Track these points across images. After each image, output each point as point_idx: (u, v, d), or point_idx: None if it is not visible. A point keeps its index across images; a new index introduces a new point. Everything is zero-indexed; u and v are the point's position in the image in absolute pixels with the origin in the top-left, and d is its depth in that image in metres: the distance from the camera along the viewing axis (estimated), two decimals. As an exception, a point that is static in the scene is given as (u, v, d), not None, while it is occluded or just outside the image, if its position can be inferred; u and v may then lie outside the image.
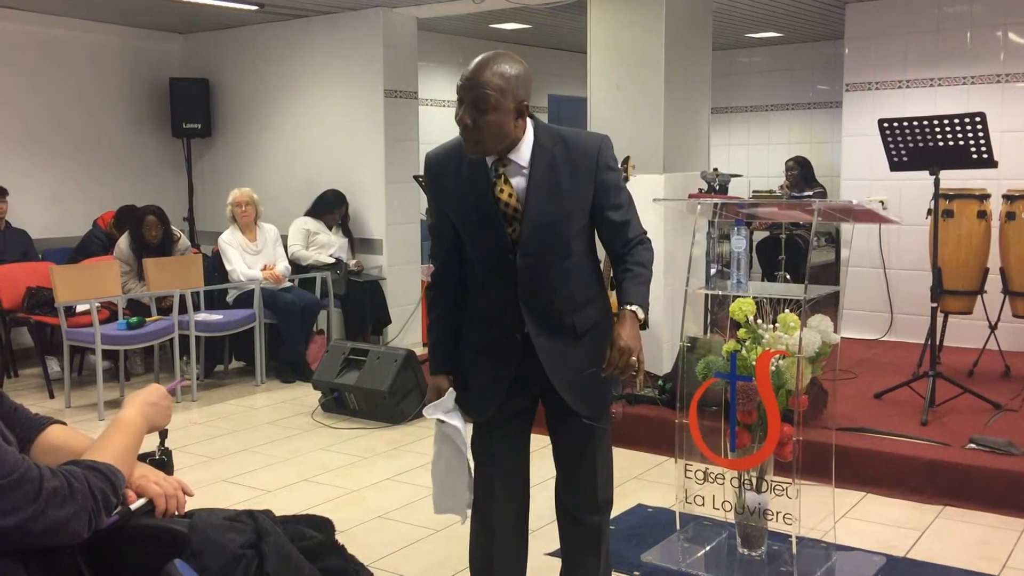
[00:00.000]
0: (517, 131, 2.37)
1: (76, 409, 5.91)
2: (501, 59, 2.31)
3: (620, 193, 2.48)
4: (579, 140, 2.45)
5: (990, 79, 6.72)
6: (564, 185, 2.40)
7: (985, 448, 4.30)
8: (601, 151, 2.44)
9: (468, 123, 2.32)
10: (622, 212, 2.48)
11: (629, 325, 2.35)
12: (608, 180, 2.45)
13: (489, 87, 2.28)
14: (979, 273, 5.67)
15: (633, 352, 2.32)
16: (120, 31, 8.01)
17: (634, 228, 2.50)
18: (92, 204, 7.69)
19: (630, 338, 2.33)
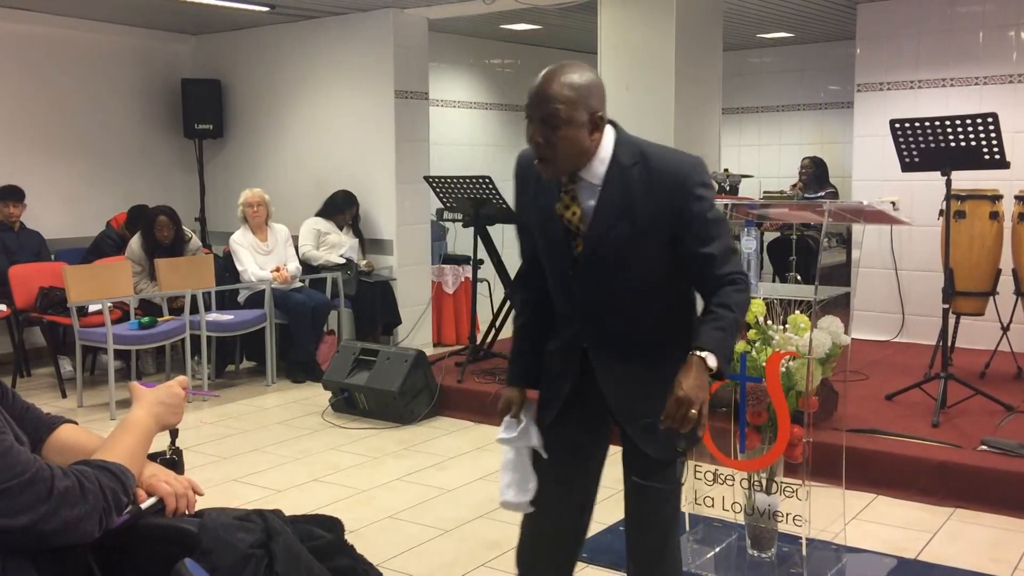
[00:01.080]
0: (593, 144, 2.19)
1: (88, 408, 5.94)
2: (568, 69, 2.16)
3: (708, 225, 2.20)
4: (664, 161, 2.23)
5: (1002, 79, 6.68)
6: (637, 208, 2.20)
7: (997, 450, 4.28)
8: (688, 177, 2.20)
9: (540, 141, 2.16)
10: (709, 245, 2.19)
11: (695, 373, 2.09)
12: (692, 209, 2.19)
13: (558, 100, 2.12)
14: (991, 274, 5.64)
15: (694, 404, 2.06)
16: (132, 32, 8.05)
17: (723, 264, 2.21)
18: (105, 205, 7.73)
19: (692, 388, 2.06)
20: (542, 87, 2.15)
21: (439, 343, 7.78)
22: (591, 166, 2.23)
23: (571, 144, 2.16)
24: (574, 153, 2.18)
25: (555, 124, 2.14)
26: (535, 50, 9.46)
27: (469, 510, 4.17)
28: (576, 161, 2.21)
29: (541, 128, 2.16)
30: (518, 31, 8.48)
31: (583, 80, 2.16)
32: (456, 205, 6.24)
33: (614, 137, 2.24)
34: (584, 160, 2.21)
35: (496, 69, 9.26)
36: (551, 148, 2.16)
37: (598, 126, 2.19)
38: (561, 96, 2.13)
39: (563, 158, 2.18)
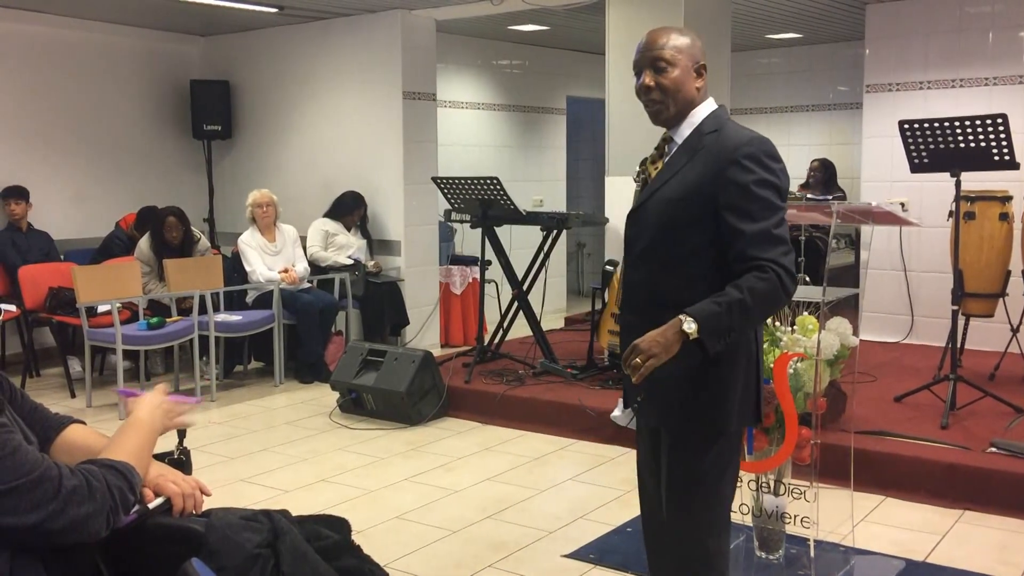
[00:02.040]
0: (699, 94, 2.32)
1: (97, 408, 5.96)
2: (671, 29, 2.35)
3: (748, 198, 2.16)
4: (729, 134, 2.26)
5: (1012, 80, 6.66)
6: (693, 170, 2.25)
7: (1006, 452, 4.26)
8: (742, 146, 2.19)
9: (650, 83, 2.30)
10: (744, 221, 2.15)
11: (663, 330, 2.11)
12: (737, 178, 2.17)
13: (665, 46, 2.29)
14: (1001, 276, 5.62)
15: (641, 354, 2.10)
16: (141, 34, 8.08)
17: (756, 246, 2.13)
18: (113, 205, 7.75)
19: (649, 339, 2.10)
20: (649, 38, 2.33)
21: (447, 344, 7.78)
22: (681, 128, 2.33)
23: (677, 86, 2.29)
24: (679, 96, 2.30)
25: (663, 67, 2.29)
26: (543, 51, 9.46)
27: (476, 511, 4.17)
28: (681, 106, 2.31)
29: (650, 73, 2.30)
30: (526, 32, 8.48)
31: (684, 36, 2.33)
32: (464, 206, 6.25)
33: (712, 109, 2.34)
34: (687, 109, 2.31)
35: (504, 70, 9.27)
36: (660, 89, 2.29)
37: (701, 74, 2.33)
38: (667, 43, 2.30)
39: (672, 99, 2.30)
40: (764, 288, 2.12)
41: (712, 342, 2.12)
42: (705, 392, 2.28)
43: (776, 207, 2.18)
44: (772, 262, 2.12)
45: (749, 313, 2.13)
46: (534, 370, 6.02)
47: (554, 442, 5.24)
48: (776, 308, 2.23)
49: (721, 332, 2.13)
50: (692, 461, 2.31)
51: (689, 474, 2.32)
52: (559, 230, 6.14)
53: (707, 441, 2.30)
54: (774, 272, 2.12)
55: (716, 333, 2.12)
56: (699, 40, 2.35)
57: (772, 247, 2.14)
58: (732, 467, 2.37)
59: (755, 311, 2.14)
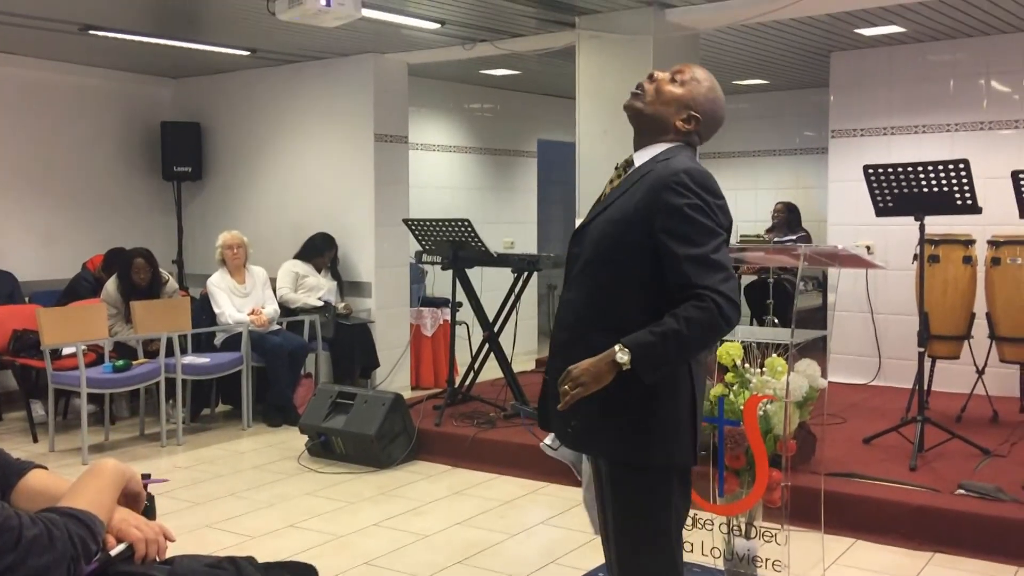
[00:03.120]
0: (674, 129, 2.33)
1: (60, 453, 5.85)
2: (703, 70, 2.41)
3: (686, 221, 2.12)
4: (671, 162, 2.24)
5: (973, 126, 6.81)
6: (636, 195, 2.23)
7: (974, 494, 4.28)
8: (678, 172, 2.17)
9: (658, 76, 2.37)
10: (682, 244, 2.11)
11: (595, 360, 2.11)
12: (672, 201, 2.14)
13: (691, 73, 2.35)
14: (965, 318, 5.70)
15: (573, 383, 2.11)
16: (112, 75, 8.06)
17: (695, 270, 2.09)
18: (82, 247, 7.67)
19: (583, 369, 2.11)
20: (690, 67, 2.40)
21: (417, 386, 7.74)
22: (642, 152, 2.35)
23: (668, 100, 2.33)
24: (660, 109, 2.34)
25: (677, 80, 2.35)
26: (514, 95, 9.55)
27: (446, 557, 4.12)
28: (654, 121, 2.34)
29: (665, 74, 2.38)
30: (497, 76, 8.56)
31: (709, 83, 2.38)
32: (435, 248, 6.25)
33: (676, 148, 2.32)
34: (657, 132, 2.34)
35: (475, 114, 9.34)
36: (657, 89, 2.35)
37: (690, 121, 2.33)
38: (695, 75, 2.36)
39: (654, 103, 2.34)
40: (702, 318, 2.07)
41: (647, 373, 2.10)
42: (626, 423, 2.22)
43: (713, 232, 2.13)
44: (710, 290, 2.07)
45: (686, 344, 2.09)
46: (505, 412, 5.99)
47: (525, 485, 5.20)
48: (716, 337, 2.16)
49: (656, 363, 2.10)
50: (627, 495, 2.27)
51: (625, 509, 2.28)
52: (530, 272, 6.15)
53: (636, 474, 2.25)
54: (712, 301, 2.06)
55: (651, 364, 2.09)
56: (716, 97, 2.38)
57: (710, 274, 2.08)
58: (669, 505, 2.27)
59: (693, 342, 2.09)
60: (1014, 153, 6.54)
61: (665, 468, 2.26)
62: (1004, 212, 5.65)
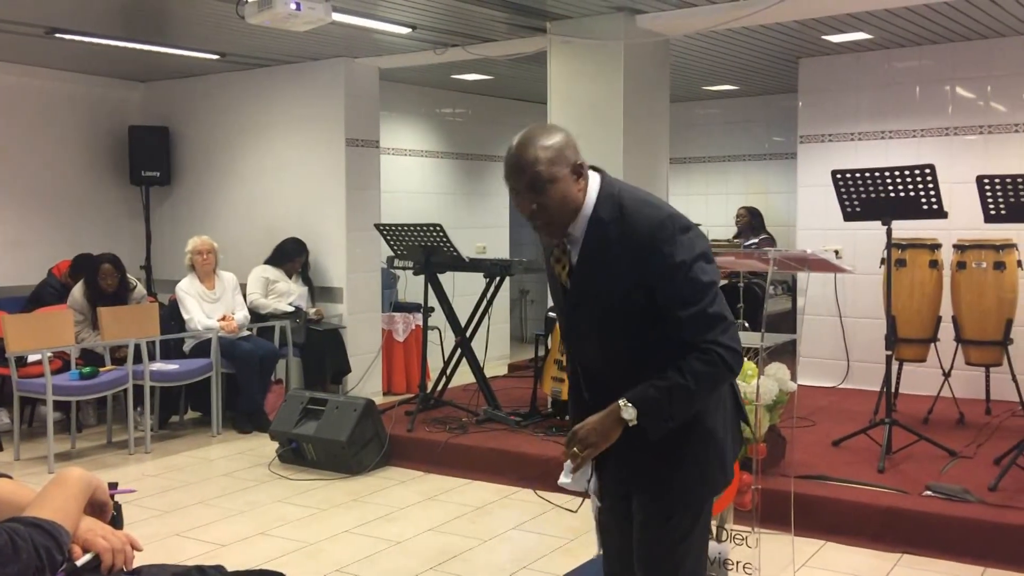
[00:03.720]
0: (582, 195, 2.19)
1: (25, 462, 5.76)
2: (536, 132, 2.18)
3: (680, 283, 2.11)
4: (637, 216, 2.15)
5: (939, 132, 6.90)
6: (614, 265, 2.17)
7: (941, 495, 4.33)
8: (654, 233, 2.12)
9: (533, 208, 2.16)
10: (680, 306, 2.11)
11: (600, 418, 2.14)
12: (662, 267, 2.11)
13: (537, 163, 2.12)
14: (932, 321, 5.77)
15: (582, 444, 2.14)
16: (80, 79, 7.97)
17: (696, 328, 2.10)
18: (47, 252, 7.57)
19: (586, 428, 2.14)
20: (517, 156, 2.15)
21: (389, 392, 7.71)
22: (577, 220, 2.20)
23: (562, 200, 2.16)
24: (568, 208, 2.18)
25: (541, 187, 2.13)
26: (486, 100, 9.55)
27: (419, 563, 4.10)
28: (571, 216, 2.19)
29: (529, 195, 2.15)
30: (469, 81, 8.56)
31: (553, 137, 2.16)
32: (407, 253, 6.24)
33: (597, 188, 2.21)
34: (577, 210, 2.19)
35: (447, 118, 9.33)
36: (545, 211, 2.16)
37: (581, 174, 2.19)
38: (538, 158, 2.13)
39: (559, 216, 2.18)
40: (707, 371, 2.10)
41: (653, 428, 2.12)
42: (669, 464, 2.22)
43: (706, 285, 2.12)
44: (713, 343, 2.09)
45: (692, 397, 2.11)
46: (477, 418, 5.99)
47: (498, 490, 5.20)
48: (720, 386, 2.17)
49: (663, 418, 2.12)
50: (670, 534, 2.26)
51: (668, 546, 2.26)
52: (502, 277, 6.15)
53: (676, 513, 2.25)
54: (716, 354, 2.09)
55: (656, 419, 2.12)
56: (568, 136, 2.19)
57: (711, 328, 2.10)
58: (706, 537, 2.33)
59: (698, 394, 2.12)
60: (979, 158, 6.64)
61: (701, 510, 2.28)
62: (969, 217, 5.73)
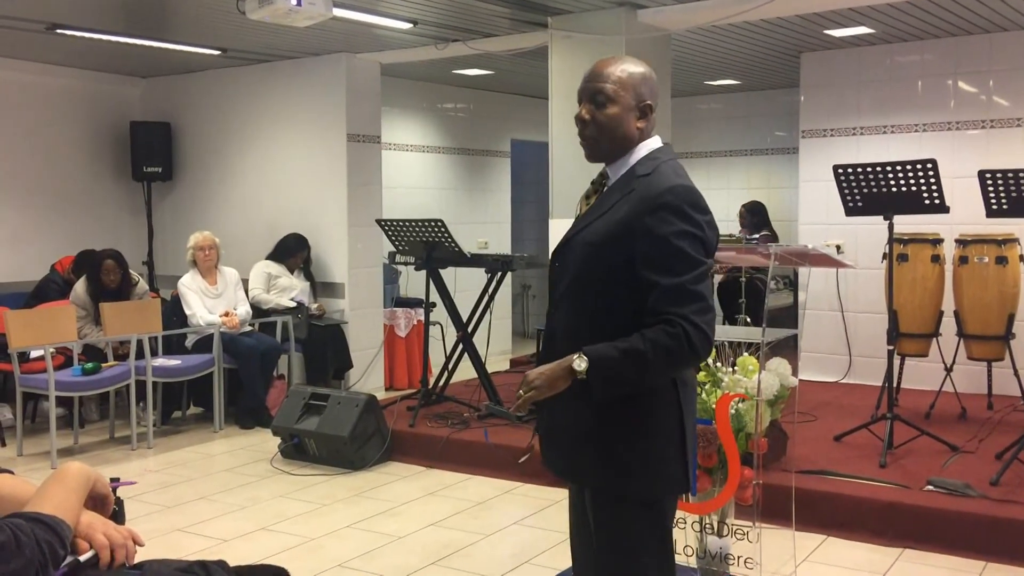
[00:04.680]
0: (639, 134, 2.18)
1: (28, 457, 5.78)
2: (623, 59, 2.21)
3: (667, 251, 2.03)
4: (655, 180, 2.12)
5: (941, 126, 6.89)
6: (617, 216, 2.13)
7: (943, 490, 4.33)
8: (663, 194, 2.07)
9: (586, 117, 2.17)
10: (661, 273, 2.02)
11: (553, 366, 2.07)
12: (655, 228, 2.05)
13: (608, 79, 2.16)
14: (934, 316, 5.77)
15: (527, 386, 2.07)
16: (81, 75, 7.97)
17: (671, 298, 2.01)
18: (50, 248, 7.58)
19: (538, 372, 2.08)
20: (595, 67, 2.19)
21: (391, 387, 7.72)
22: (616, 166, 2.21)
23: (614, 124, 2.16)
24: (615, 135, 2.17)
25: (601, 101, 2.16)
26: (487, 95, 9.55)
27: (420, 558, 4.11)
28: (617, 145, 2.19)
29: (587, 104, 2.18)
30: (470, 76, 8.55)
31: (636, 68, 2.20)
32: (408, 248, 6.24)
33: (652, 148, 2.21)
34: (624, 148, 2.19)
35: (449, 113, 9.32)
36: (595, 125, 2.18)
37: (645, 114, 2.19)
38: (612, 76, 2.16)
39: (604, 136, 2.18)
40: (668, 344, 2.00)
41: (599, 386, 2.03)
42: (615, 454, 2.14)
43: (695, 260, 2.05)
44: (683, 318, 2.00)
45: (647, 367, 2.01)
46: (479, 413, 5.99)
47: (499, 486, 5.20)
48: (680, 366, 2.08)
49: (612, 379, 2.04)
50: (615, 527, 2.18)
51: (613, 541, 2.19)
52: (504, 272, 6.15)
53: (627, 506, 2.16)
54: (683, 328, 1.99)
55: (607, 379, 2.03)
56: (652, 75, 2.22)
57: (686, 303, 2.01)
58: (660, 535, 2.21)
59: (654, 366, 2.01)
60: (981, 153, 6.63)
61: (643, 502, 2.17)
62: (971, 211, 5.72)
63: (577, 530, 2.39)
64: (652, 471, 2.15)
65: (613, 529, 2.19)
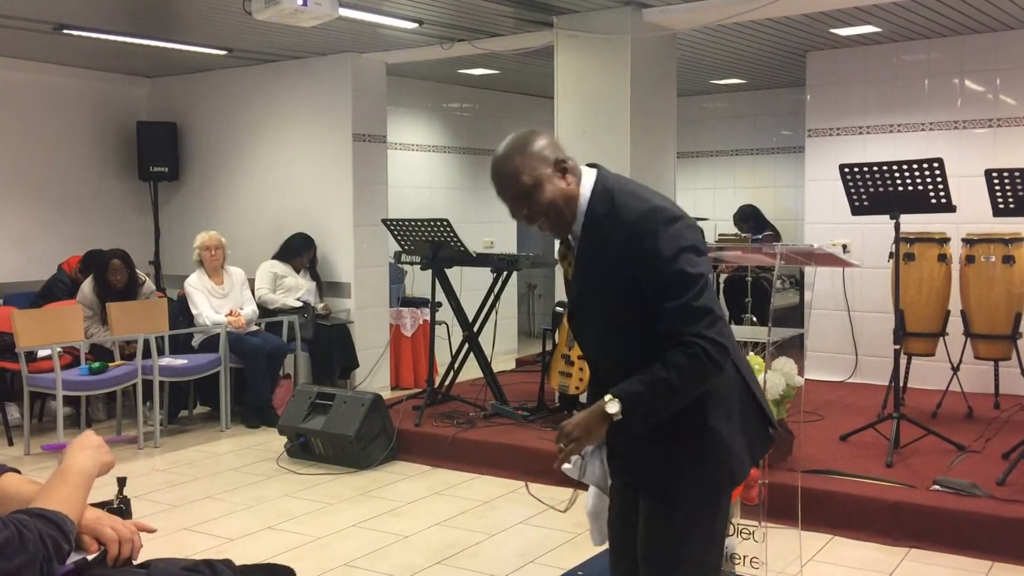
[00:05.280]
0: (576, 186, 2.20)
1: (35, 456, 5.79)
2: (509, 143, 2.23)
3: (664, 276, 2.09)
4: (623, 209, 2.16)
5: (948, 125, 6.87)
6: (608, 259, 2.17)
7: (950, 490, 4.32)
8: (637, 225, 2.12)
9: (527, 214, 2.21)
10: (664, 299, 2.09)
11: (587, 414, 2.14)
12: (645, 260, 2.11)
13: (517, 172, 2.17)
14: (940, 315, 5.76)
15: (566, 439, 2.13)
16: (88, 75, 7.99)
17: (680, 320, 2.08)
18: (57, 248, 7.61)
19: (575, 424, 2.14)
20: (496, 172, 2.22)
21: (397, 386, 7.72)
22: (576, 216, 2.22)
23: (552, 200, 2.18)
24: (560, 207, 2.19)
25: (527, 193, 2.18)
26: (493, 94, 9.55)
27: (426, 557, 4.12)
28: (570, 210, 2.21)
29: (519, 204, 2.21)
30: (476, 76, 8.56)
31: (526, 142, 2.19)
32: (414, 248, 6.24)
33: (592, 183, 2.22)
34: (576, 206, 2.21)
35: (454, 113, 9.33)
36: (540, 215, 2.20)
37: (567, 170, 2.20)
38: (517, 167, 2.17)
39: (555, 216, 2.20)
40: (689, 365, 2.07)
41: (636, 422, 2.11)
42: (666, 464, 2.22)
43: (692, 277, 2.09)
44: (697, 336, 2.07)
45: (675, 391, 2.09)
46: (485, 412, 6.00)
47: (505, 485, 5.21)
48: (705, 380, 2.13)
49: (645, 412, 2.11)
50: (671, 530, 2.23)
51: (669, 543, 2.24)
52: (509, 272, 6.16)
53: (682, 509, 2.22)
54: (699, 347, 2.07)
55: (640, 413, 2.10)
56: (542, 138, 2.21)
57: (695, 321, 2.08)
58: (717, 537, 2.30)
59: (681, 388, 2.09)
60: (988, 152, 6.61)
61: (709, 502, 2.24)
62: (978, 211, 5.72)
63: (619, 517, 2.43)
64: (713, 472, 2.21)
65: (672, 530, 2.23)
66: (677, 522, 2.22)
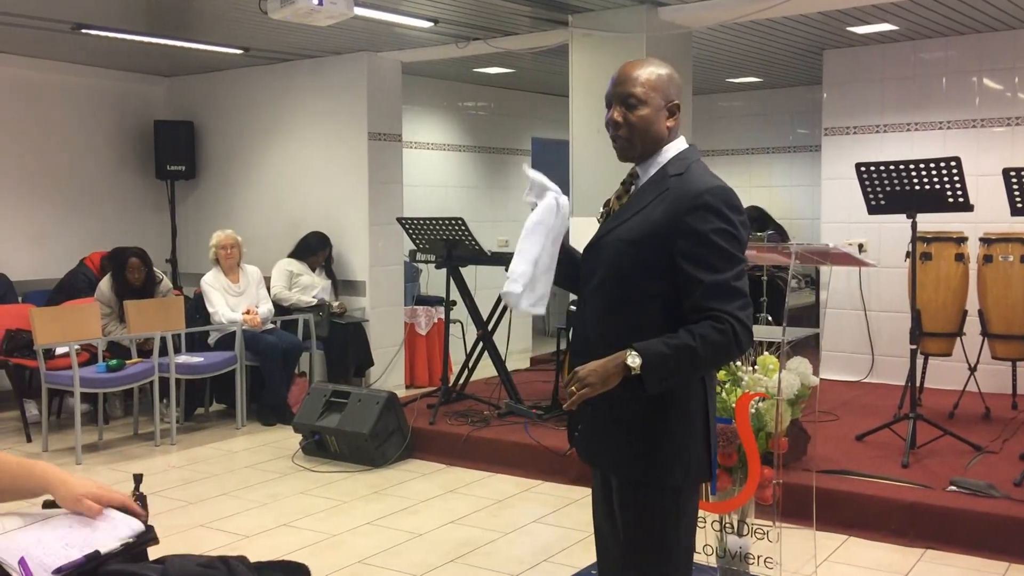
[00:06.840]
0: (668, 133, 2.26)
1: (54, 453, 5.84)
2: (650, 61, 2.31)
3: (709, 248, 2.09)
4: (693, 179, 2.18)
5: (966, 124, 6.83)
6: (652, 214, 2.18)
7: (966, 490, 4.30)
8: (703, 194, 2.12)
9: (618, 119, 2.25)
10: (704, 270, 2.08)
11: (604, 362, 2.08)
12: (696, 226, 2.10)
13: (638, 83, 2.24)
14: (958, 315, 5.72)
15: (580, 383, 2.07)
16: (105, 74, 8.05)
17: (715, 295, 2.07)
18: (75, 246, 7.66)
19: (591, 370, 2.08)
20: (623, 71, 2.28)
21: (412, 385, 7.74)
22: (647, 166, 2.28)
23: (645, 125, 2.24)
24: (647, 135, 2.25)
25: (632, 104, 2.24)
26: (508, 93, 9.55)
27: (440, 555, 4.13)
28: (648, 145, 2.26)
29: (619, 108, 2.26)
30: (491, 74, 8.56)
31: (662, 69, 2.28)
32: (429, 246, 6.26)
33: (681, 149, 2.28)
34: (655, 147, 2.26)
35: (469, 112, 9.34)
36: (628, 126, 2.25)
37: (674, 113, 2.27)
38: (640, 79, 2.25)
39: (637, 137, 2.25)
40: (718, 340, 2.06)
41: (652, 382, 2.06)
42: (637, 439, 2.20)
43: (735, 259, 2.11)
44: (729, 314, 2.06)
45: (697, 361, 2.07)
46: (499, 411, 6.00)
47: (519, 483, 5.21)
48: (727, 361, 2.13)
49: (665, 374, 2.07)
50: (640, 513, 2.23)
51: (639, 526, 2.23)
52: (524, 271, 6.14)
53: (652, 492, 2.21)
54: (730, 325, 2.06)
55: (659, 374, 2.06)
56: (676, 76, 2.31)
57: (730, 299, 2.07)
58: (685, 521, 2.27)
59: (704, 360, 2.08)
60: (1006, 151, 6.56)
61: (679, 488, 2.22)
62: (996, 210, 5.68)
63: (602, 524, 2.41)
64: (681, 456, 2.21)
65: (639, 516, 2.23)
66: (649, 503, 2.21)
